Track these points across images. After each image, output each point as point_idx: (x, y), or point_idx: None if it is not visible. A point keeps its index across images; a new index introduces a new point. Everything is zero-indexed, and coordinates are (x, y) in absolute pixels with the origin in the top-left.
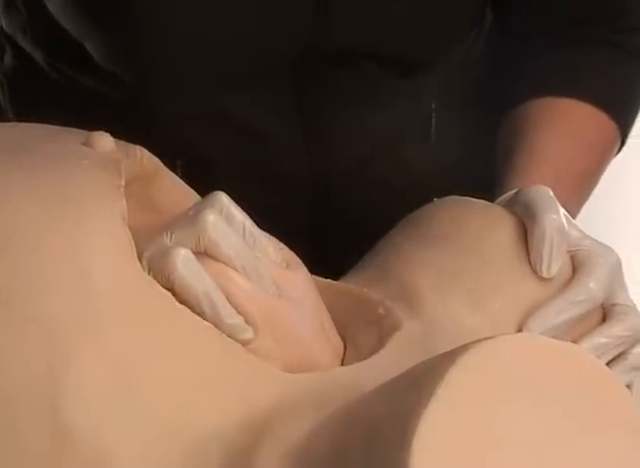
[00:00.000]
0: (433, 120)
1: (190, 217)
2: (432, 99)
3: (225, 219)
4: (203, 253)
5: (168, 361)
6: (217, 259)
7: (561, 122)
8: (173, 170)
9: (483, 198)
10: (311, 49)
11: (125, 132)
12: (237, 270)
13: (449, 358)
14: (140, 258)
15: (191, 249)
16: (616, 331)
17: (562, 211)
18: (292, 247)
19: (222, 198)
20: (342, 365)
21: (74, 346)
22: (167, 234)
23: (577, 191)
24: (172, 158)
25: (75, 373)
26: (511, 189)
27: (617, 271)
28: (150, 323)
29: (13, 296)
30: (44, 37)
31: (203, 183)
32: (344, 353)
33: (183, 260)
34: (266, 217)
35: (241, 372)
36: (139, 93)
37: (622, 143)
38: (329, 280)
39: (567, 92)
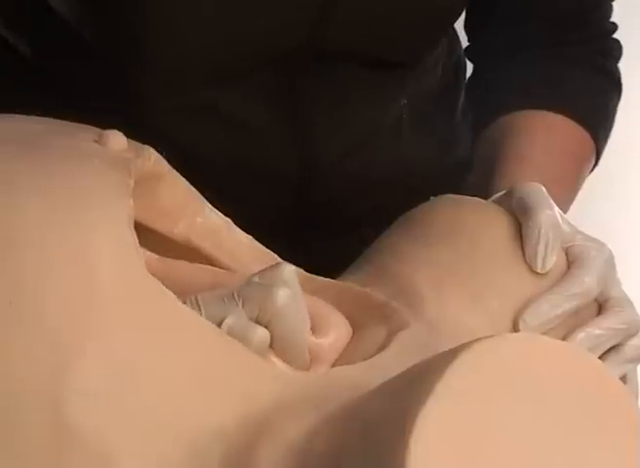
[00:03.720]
0: (404, 116)
1: (263, 289)
2: (404, 96)
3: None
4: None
5: (170, 360)
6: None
7: (544, 133)
8: None
9: (459, 188)
10: (304, 47)
11: (111, 121)
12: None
13: (448, 356)
14: (219, 321)
15: (256, 318)
16: (610, 323)
17: (556, 207)
18: (276, 238)
19: (292, 271)
20: (344, 353)
21: (77, 345)
22: (238, 297)
23: (561, 195)
24: (158, 149)
25: (78, 373)
26: (500, 191)
27: (610, 265)
28: (153, 322)
29: (16, 296)
30: (31, 25)
31: (188, 175)
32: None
33: (260, 340)
34: (251, 209)
35: (242, 371)
36: (128, 81)
37: (596, 162)
38: (329, 279)
39: (549, 106)
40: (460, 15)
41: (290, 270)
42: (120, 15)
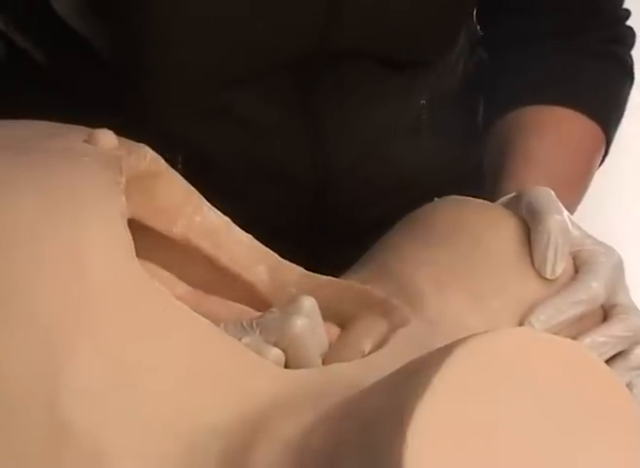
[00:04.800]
0: (423, 117)
1: (282, 318)
2: (423, 96)
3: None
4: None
5: (165, 357)
6: None
7: (554, 129)
8: (174, 165)
9: (475, 194)
10: (318, 48)
11: (126, 127)
12: None
13: (445, 351)
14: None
15: (274, 344)
16: (615, 330)
17: (565, 211)
18: (290, 239)
19: (313, 304)
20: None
21: (72, 343)
22: (256, 326)
23: (570, 195)
24: (173, 153)
25: (73, 370)
26: (508, 193)
27: (619, 271)
28: (148, 319)
29: (10, 294)
30: (45, 35)
31: (204, 178)
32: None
33: (274, 360)
34: (266, 211)
35: (239, 368)
36: (142, 88)
37: (606, 152)
38: (330, 277)
39: (558, 100)
40: (471, 12)
41: (310, 302)
42: (131, 25)
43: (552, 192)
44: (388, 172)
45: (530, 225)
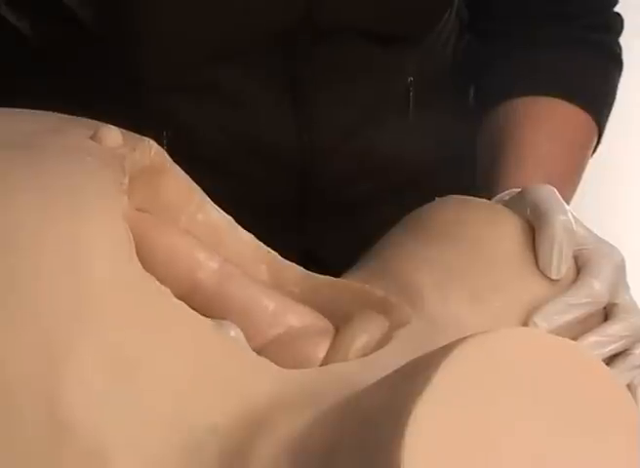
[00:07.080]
0: (411, 95)
1: None
2: (410, 74)
3: None
4: None
5: (165, 356)
6: None
7: (547, 121)
8: (160, 141)
9: (469, 181)
10: (303, 23)
11: (113, 102)
12: None
13: (444, 350)
14: None
15: None
16: (615, 330)
17: (569, 210)
18: (276, 218)
19: None
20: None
21: (72, 342)
22: None
23: (564, 188)
24: (159, 129)
25: (73, 369)
26: (505, 188)
27: (621, 271)
28: (148, 318)
29: (10, 293)
30: (32, 7)
31: (190, 155)
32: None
33: None
34: (252, 189)
35: (239, 368)
36: (128, 61)
37: (598, 142)
38: (329, 277)
39: (550, 91)
40: None
41: None
42: None
43: (555, 191)
44: (374, 152)
45: (534, 225)
